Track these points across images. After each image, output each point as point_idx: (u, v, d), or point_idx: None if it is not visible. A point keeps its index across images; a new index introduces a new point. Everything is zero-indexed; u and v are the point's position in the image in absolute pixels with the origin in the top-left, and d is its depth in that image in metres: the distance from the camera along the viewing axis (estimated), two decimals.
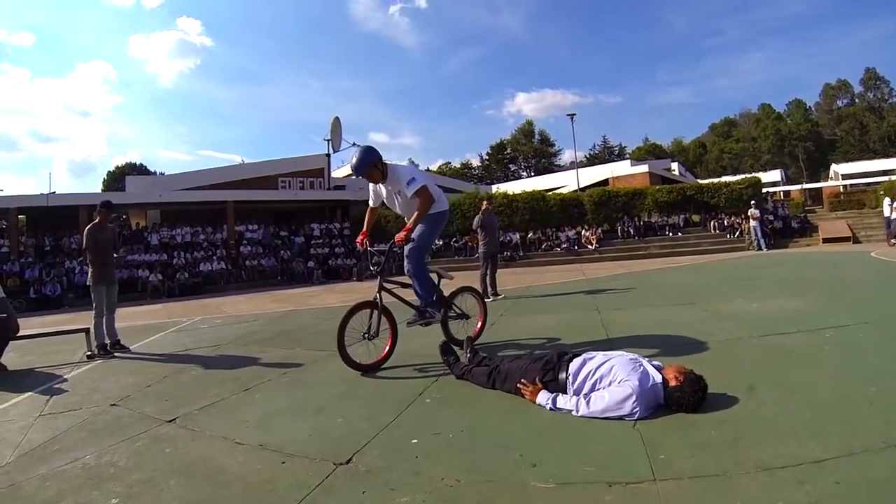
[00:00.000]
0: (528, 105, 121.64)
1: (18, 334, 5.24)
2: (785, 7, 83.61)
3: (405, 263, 3.88)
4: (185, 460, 2.31)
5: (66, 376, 4.45)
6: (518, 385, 2.72)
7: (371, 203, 4.17)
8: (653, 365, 2.55)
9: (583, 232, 20.38)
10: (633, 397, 2.30)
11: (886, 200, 14.85)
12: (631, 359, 2.57)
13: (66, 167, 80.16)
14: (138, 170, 44.44)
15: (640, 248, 18.61)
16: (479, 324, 4.42)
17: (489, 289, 7.83)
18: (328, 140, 25.45)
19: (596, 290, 7.99)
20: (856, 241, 16.31)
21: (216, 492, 1.94)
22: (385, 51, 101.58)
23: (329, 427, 2.59)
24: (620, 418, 2.30)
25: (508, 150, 66.90)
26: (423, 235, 3.86)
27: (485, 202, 8.61)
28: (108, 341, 5.46)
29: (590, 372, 2.58)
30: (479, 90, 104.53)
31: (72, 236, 18.76)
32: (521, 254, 19.56)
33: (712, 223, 19.74)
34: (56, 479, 2.17)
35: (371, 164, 3.73)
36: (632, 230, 20.22)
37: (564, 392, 2.58)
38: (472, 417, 2.54)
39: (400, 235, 3.59)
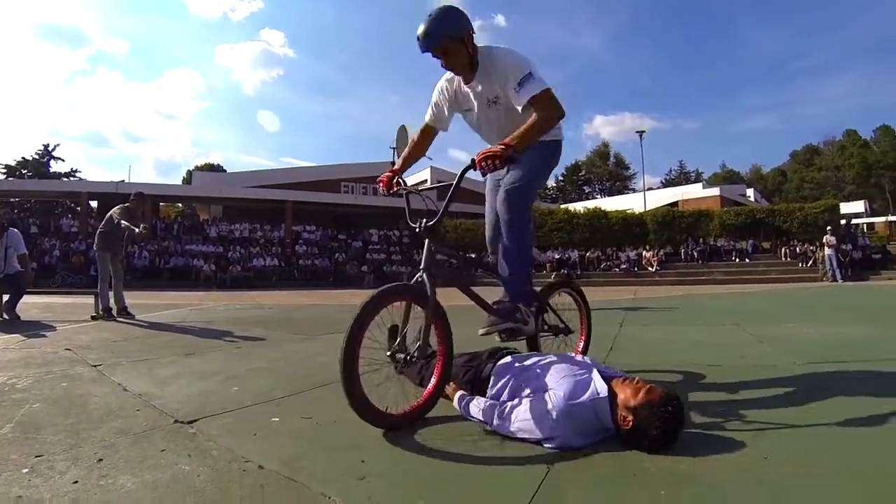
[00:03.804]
0: (605, 128, 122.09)
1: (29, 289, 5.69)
2: (876, 27, 75.72)
3: (499, 204, 2.34)
4: (68, 393, 2.46)
5: (58, 328, 4.87)
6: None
7: (429, 118, 2.50)
8: (607, 374, 1.93)
9: (644, 253, 19.26)
10: (553, 415, 1.71)
11: None
12: (568, 364, 1.97)
13: (153, 165, 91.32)
14: (215, 170, 48.08)
15: (704, 273, 17.52)
16: (582, 342, 2.92)
17: None
18: (394, 148, 25.98)
19: (635, 307, 7.26)
20: None
21: (57, 419, 2.03)
22: None
23: (217, 392, 2.57)
24: (538, 443, 1.72)
25: (583, 172, 67.18)
26: (531, 172, 2.34)
27: None
28: (112, 306, 5.66)
29: (514, 374, 2.09)
30: None
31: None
32: (579, 272, 18.93)
33: (783, 250, 18.24)
34: None
35: (454, 35, 2.15)
36: (696, 253, 18.86)
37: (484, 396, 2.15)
38: None
39: (494, 149, 1.94)
